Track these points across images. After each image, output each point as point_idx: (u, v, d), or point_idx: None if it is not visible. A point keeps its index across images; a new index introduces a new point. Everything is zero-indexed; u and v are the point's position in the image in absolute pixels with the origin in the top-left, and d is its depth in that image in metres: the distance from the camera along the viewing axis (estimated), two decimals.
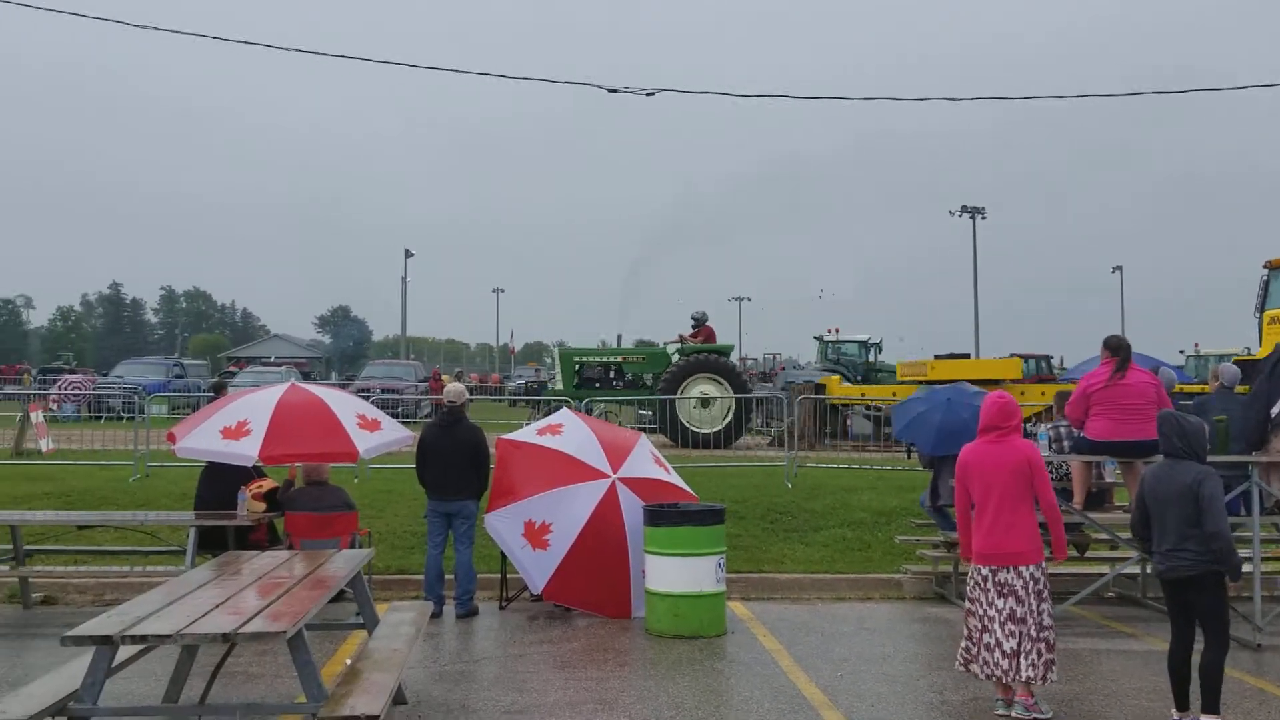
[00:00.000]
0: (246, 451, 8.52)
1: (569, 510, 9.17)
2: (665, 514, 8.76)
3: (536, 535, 9.12)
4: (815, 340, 31.09)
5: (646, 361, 22.17)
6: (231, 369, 45.58)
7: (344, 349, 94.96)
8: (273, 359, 59.84)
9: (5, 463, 14.94)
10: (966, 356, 26.93)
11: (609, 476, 9.36)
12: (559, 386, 22.05)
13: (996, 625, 6.27)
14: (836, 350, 30.25)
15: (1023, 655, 6.20)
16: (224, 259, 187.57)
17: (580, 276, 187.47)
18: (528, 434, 10.07)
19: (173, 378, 33.55)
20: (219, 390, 15.04)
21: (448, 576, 9.46)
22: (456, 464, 9.33)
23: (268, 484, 9.25)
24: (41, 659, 7.63)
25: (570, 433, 9.85)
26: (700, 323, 21.58)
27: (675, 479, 9.88)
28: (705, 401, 19.74)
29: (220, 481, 9.35)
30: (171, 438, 9.15)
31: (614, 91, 14.86)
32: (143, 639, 4.79)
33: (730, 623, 8.86)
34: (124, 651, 5.32)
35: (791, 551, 11.23)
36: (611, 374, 22.16)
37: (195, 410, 21.40)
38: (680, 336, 21.13)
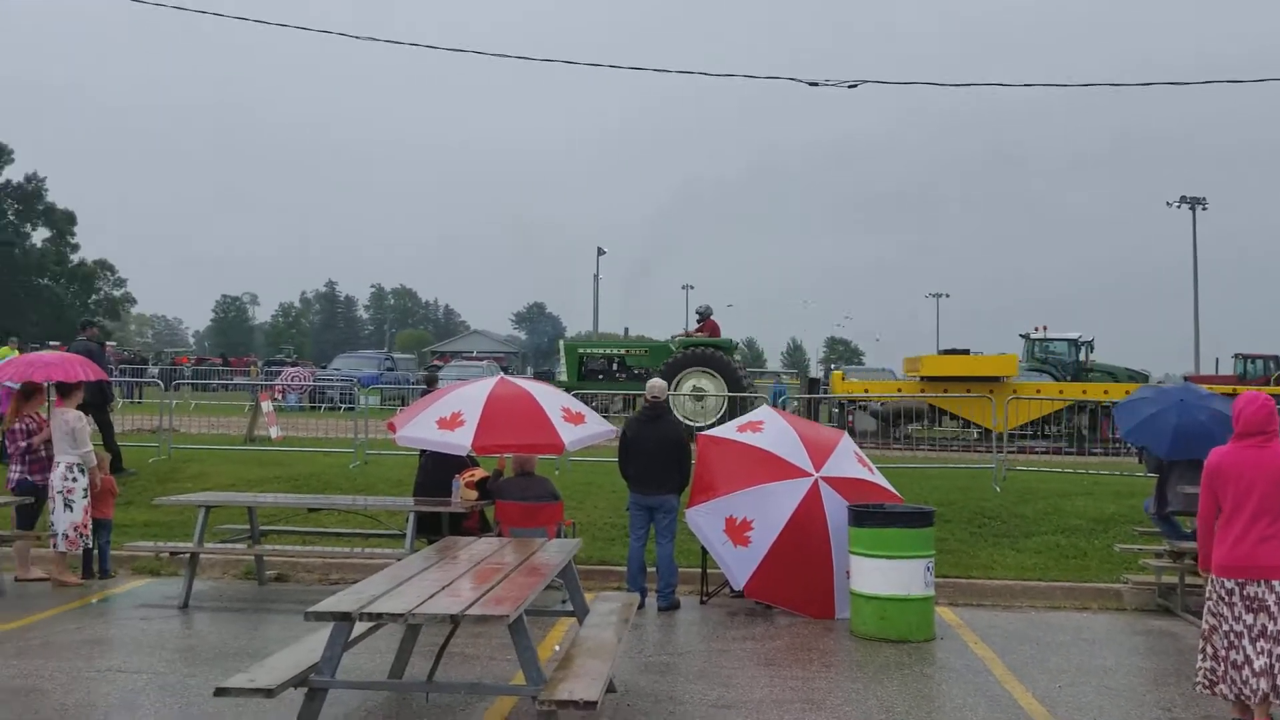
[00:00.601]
0: (460, 441, 8.87)
1: (771, 508, 9.12)
2: (871, 515, 8.59)
3: (738, 532, 9.12)
4: (1021, 339, 29.76)
5: (648, 355, 22.57)
6: (436, 363, 47.56)
7: (539, 344, 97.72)
8: (474, 353, 62.05)
9: (239, 448, 16.05)
10: (966, 352, 26.10)
11: (811, 475, 9.26)
12: (564, 378, 22.49)
13: (1246, 641, 5.83)
14: (1044, 349, 28.89)
15: (1277, 675, 5.75)
16: (428, 258, 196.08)
17: (771, 272, 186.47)
18: (728, 430, 10.07)
19: (384, 370, 35.35)
20: (431, 384, 15.73)
21: (649, 569, 9.57)
22: (659, 458, 9.43)
23: (479, 473, 9.59)
24: (277, 631, 8.16)
25: (771, 430, 9.80)
26: (704, 316, 21.67)
27: (879, 479, 9.69)
28: (699, 396, 19.98)
29: (436, 469, 9.76)
30: (392, 427, 9.62)
31: (815, 85, 14.67)
32: (377, 617, 5.05)
33: (938, 628, 8.62)
34: (357, 628, 5.61)
35: (1001, 557, 10.82)
36: (614, 367, 22.70)
37: (405, 401, 22.40)
38: (685, 331, 20.98)
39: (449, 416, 9.12)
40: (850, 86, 14.26)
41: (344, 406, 22.19)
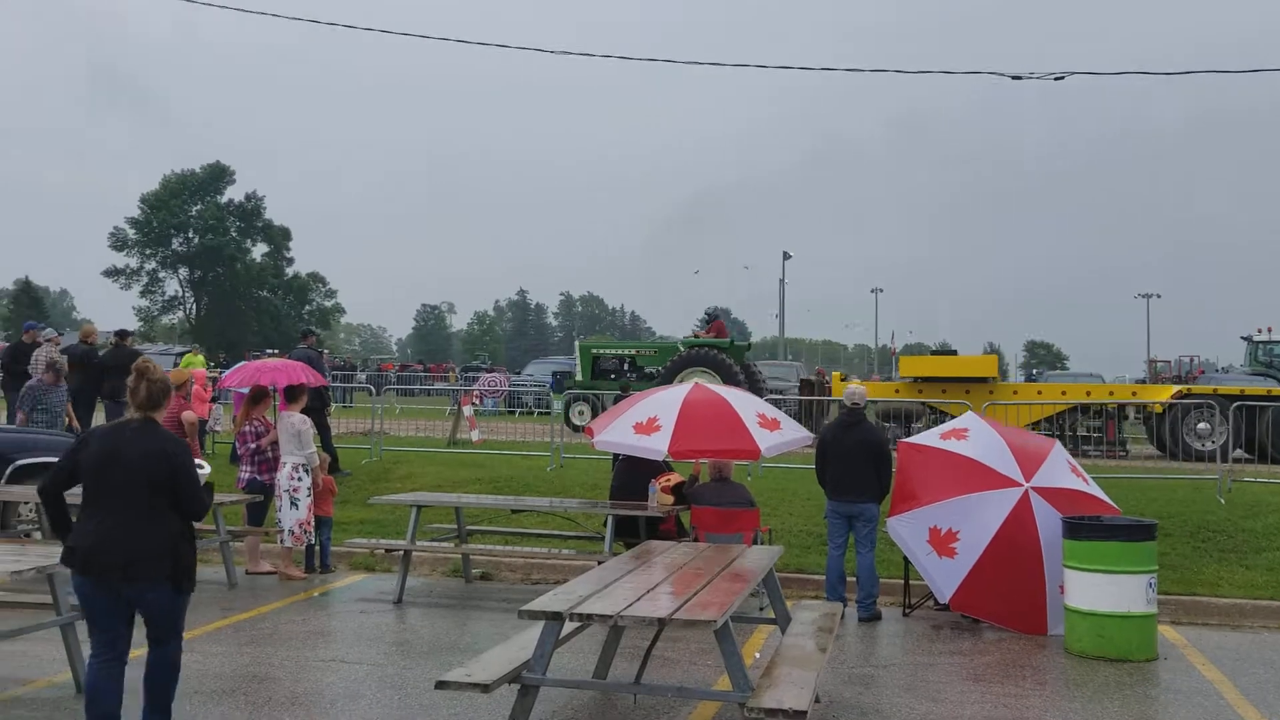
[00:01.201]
0: (657, 446, 8.96)
1: (978, 519, 8.81)
2: (1087, 527, 8.17)
3: (943, 543, 8.84)
4: (1243, 341, 27.76)
5: (657, 355, 23.26)
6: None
7: (954, 353, 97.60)
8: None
9: (443, 450, 16.71)
10: (954, 352, 25.61)
11: (1021, 485, 8.88)
12: (579, 377, 23.69)
13: None
14: (1268, 352, 26.87)
15: None
16: (612, 265, 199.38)
17: (964, 274, 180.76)
18: (930, 438, 9.80)
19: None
20: (625, 389, 15.95)
21: (849, 579, 9.40)
22: (857, 465, 9.25)
23: (675, 478, 9.65)
24: (485, 628, 8.45)
25: (977, 437, 9.47)
26: (712, 318, 22.26)
27: (1095, 489, 9.21)
28: None
29: (632, 474, 9.89)
30: (590, 432, 9.82)
31: (1018, 79, 14.12)
32: (587, 617, 5.14)
33: (1161, 648, 8.11)
34: (565, 628, 5.73)
35: (1229, 574, 10.11)
36: (625, 366, 23.42)
37: (596, 407, 23.14)
38: (694, 332, 20.67)
39: (645, 421, 9.23)
40: (1056, 79, 13.65)
41: (538, 411, 22.74)
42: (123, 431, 5.16)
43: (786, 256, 59.27)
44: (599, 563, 9.05)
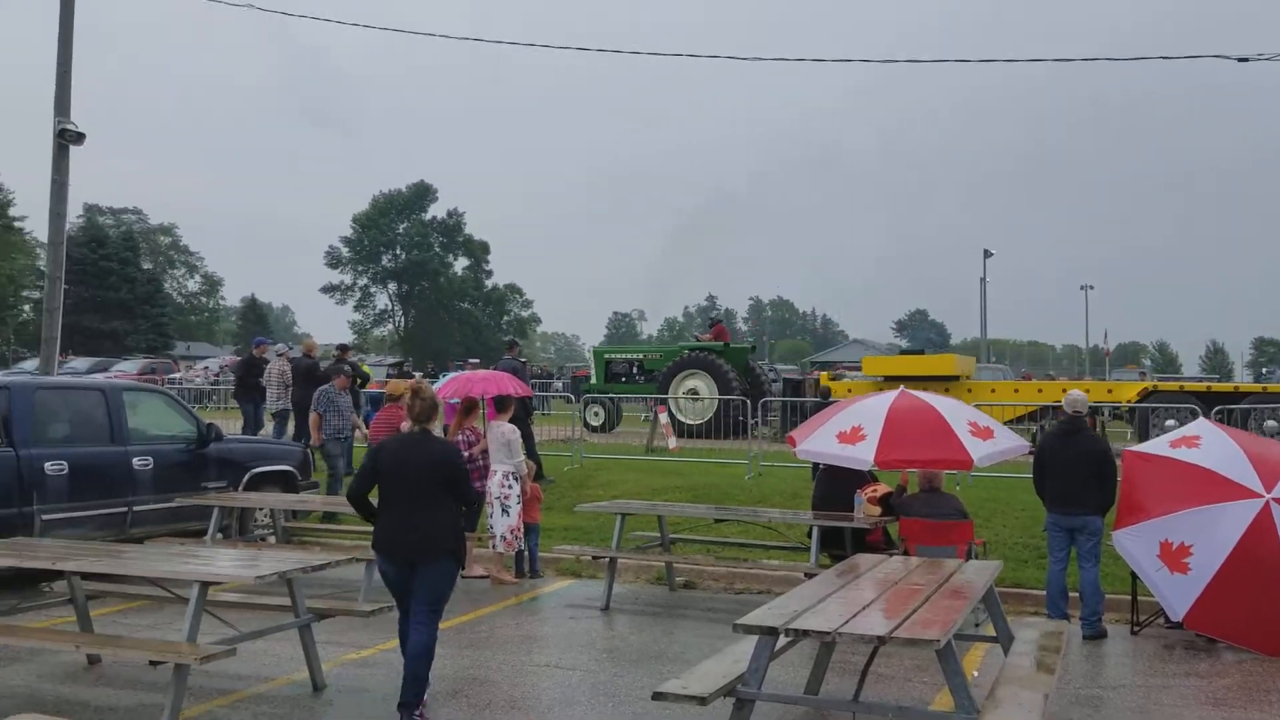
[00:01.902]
0: (862, 456, 8.77)
1: (1214, 531, 8.22)
2: None
3: (1174, 557, 8.29)
4: None
5: (662, 358, 24.19)
6: (815, 374, 47.53)
7: (921, 353, 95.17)
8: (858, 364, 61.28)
9: (640, 457, 16.92)
10: (920, 352, 27.02)
11: (1262, 496, 8.24)
12: (594, 381, 25.34)
13: None
14: None
15: None
16: (804, 268, 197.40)
17: (1178, 267, 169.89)
18: (1159, 446, 9.22)
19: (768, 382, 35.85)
20: (826, 396, 15.74)
21: (1071, 594, 8.95)
22: (1079, 475, 8.79)
23: (882, 489, 9.43)
24: (691, 638, 8.47)
25: (1210, 445, 8.85)
26: (713, 323, 23.37)
27: None
28: (695, 396, 21.54)
29: (835, 484, 9.72)
30: (792, 441, 9.71)
31: (1244, 61, 13.16)
32: (803, 633, 5.07)
33: None
34: (779, 642, 5.66)
35: None
36: (634, 369, 24.60)
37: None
38: (696, 336, 22.09)
39: (849, 430, 9.05)
40: None
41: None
42: (408, 441, 6.40)
43: (988, 254, 57.13)
44: (805, 575, 8.96)
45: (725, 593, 10.39)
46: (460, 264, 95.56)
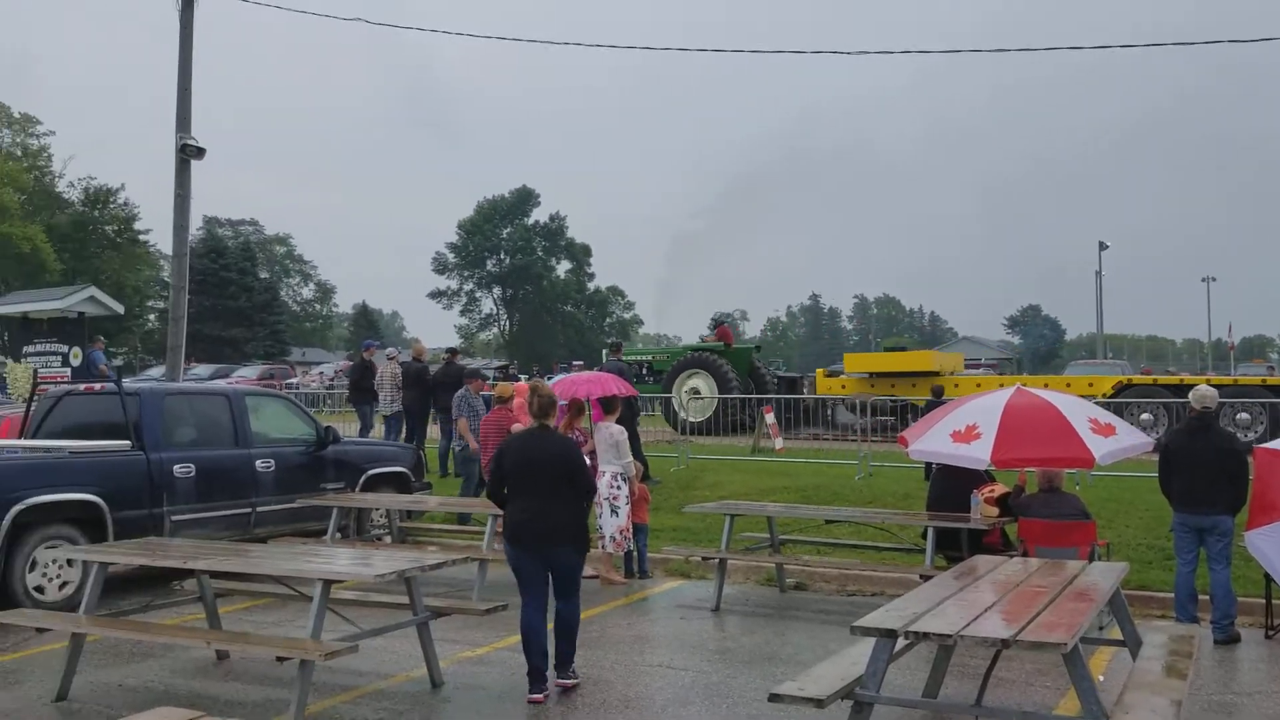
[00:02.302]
0: (977, 455, 8.56)
1: None
2: None
3: None
4: None
5: (669, 359, 25.06)
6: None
7: (1035, 349, 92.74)
8: (982, 361, 59.88)
9: (747, 458, 16.84)
10: (903, 349, 29.75)
11: None
12: None
13: None
14: None
15: None
16: (913, 265, 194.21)
17: None
18: None
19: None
20: (938, 394, 15.44)
21: (1200, 597, 8.60)
22: (1208, 474, 8.43)
23: (999, 489, 9.20)
24: (804, 639, 8.38)
25: None
26: (718, 324, 24.40)
27: None
28: (696, 395, 22.07)
29: (951, 483, 9.51)
30: (903, 441, 9.54)
31: None
32: (923, 636, 4.96)
33: None
34: (897, 645, 5.57)
35: None
36: (644, 370, 25.27)
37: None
38: (702, 337, 22.41)
39: (964, 429, 8.84)
40: None
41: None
42: (532, 437, 6.90)
43: (1103, 247, 55.38)
44: (921, 577, 8.79)
45: (837, 595, 10.26)
46: (563, 267, 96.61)
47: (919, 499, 12.61)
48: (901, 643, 5.42)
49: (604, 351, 20.69)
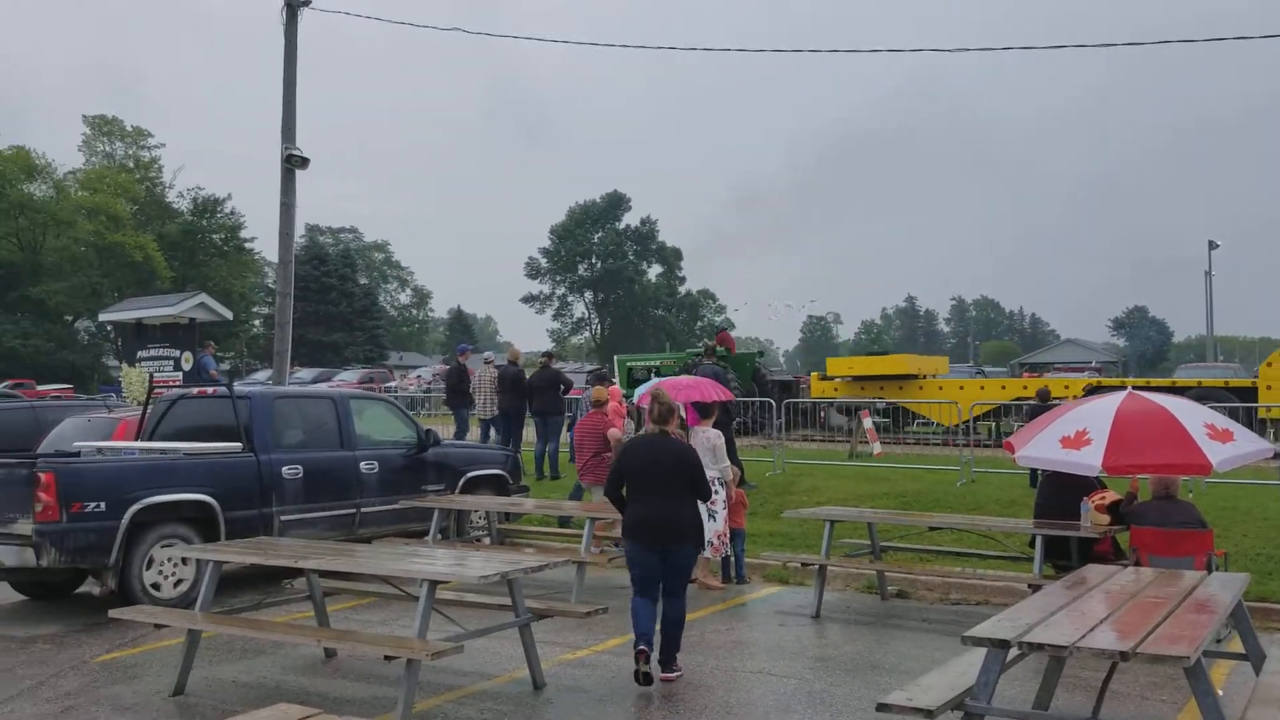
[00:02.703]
0: (1088, 461, 8.29)
1: None
2: None
3: None
4: None
5: (674, 365, 25.38)
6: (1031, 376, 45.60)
7: (1141, 351, 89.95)
8: (1093, 364, 58.25)
9: (844, 463, 16.64)
10: (884, 353, 29.29)
11: None
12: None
13: None
14: None
15: None
16: (1012, 265, 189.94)
17: None
18: None
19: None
20: (1044, 398, 15.08)
21: None
22: None
23: (1111, 496, 8.93)
24: (907, 648, 8.24)
25: None
26: (718, 330, 24.35)
27: None
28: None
29: (1058, 490, 9.27)
30: (1009, 446, 9.30)
31: None
32: (1037, 646, 4.82)
33: None
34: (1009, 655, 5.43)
35: None
36: (652, 375, 25.16)
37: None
38: (705, 344, 22.51)
39: (1073, 435, 8.58)
40: None
41: (934, 422, 22.10)
42: (652, 441, 7.34)
43: (1213, 246, 53.42)
44: (1029, 586, 8.59)
45: (940, 603, 10.07)
46: (654, 271, 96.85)
47: (1024, 506, 12.31)
48: (1013, 653, 5.30)
49: (699, 356, 20.60)
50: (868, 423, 17.51)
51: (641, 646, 6.96)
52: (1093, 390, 19.90)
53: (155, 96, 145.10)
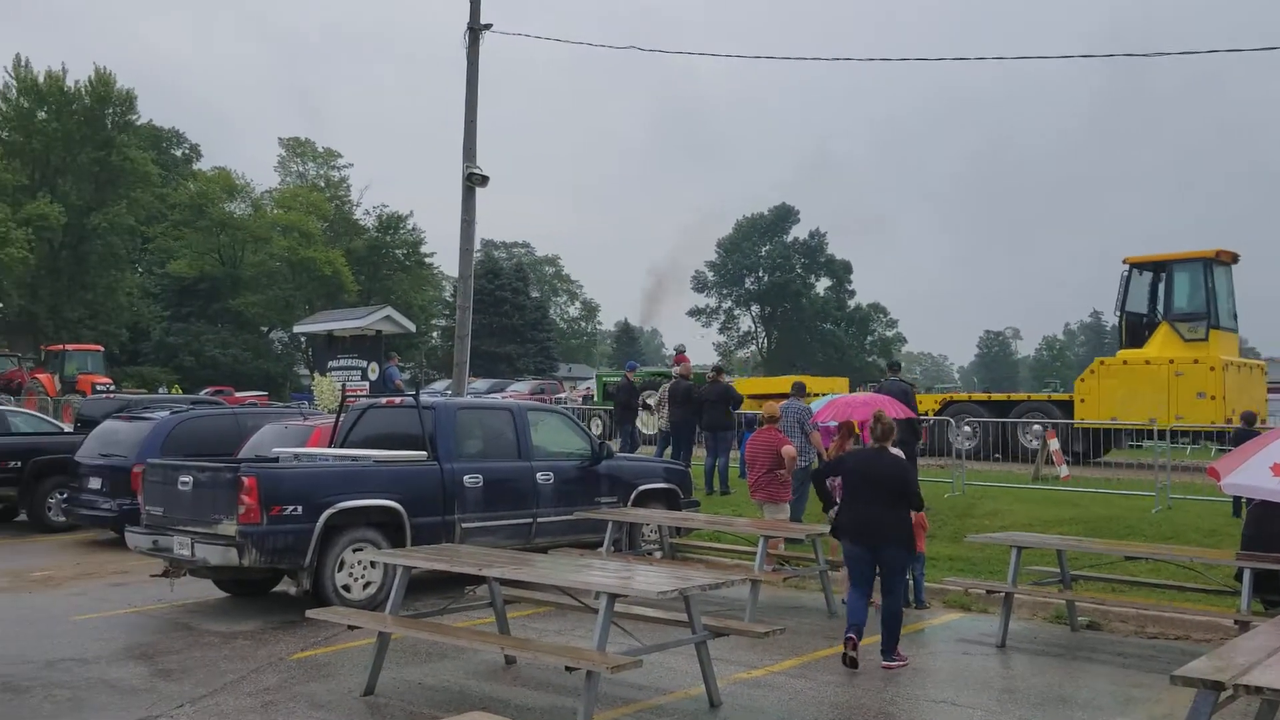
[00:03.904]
0: None
1: None
2: None
3: None
4: None
5: (638, 381, 25.17)
6: None
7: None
8: None
9: (1028, 486, 15.96)
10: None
11: None
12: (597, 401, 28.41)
13: None
14: None
15: None
16: None
17: None
18: None
19: None
20: (1250, 422, 14.14)
21: None
22: None
23: None
24: (1101, 683, 7.82)
25: None
26: (678, 353, 24.44)
27: None
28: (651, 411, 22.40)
29: (1271, 521, 8.63)
30: (1214, 473, 8.73)
31: None
32: (1255, 690, 4.49)
33: None
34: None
35: None
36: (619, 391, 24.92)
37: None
38: (668, 363, 22.42)
39: None
40: None
41: (1130, 444, 20.88)
42: (869, 455, 8.47)
43: None
44: (1235, 622, 8.05)
45: (1135, 636, 9.52)
46: (822, 284, 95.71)
47: (1225, 535, 11.57)
48: (1225, 695, 4.95)
49: (884, 372, 20.28)
50: (1054, 444, 16.75)
51: (849, 635, 7.89)
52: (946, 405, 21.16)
53: (342, 118, 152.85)
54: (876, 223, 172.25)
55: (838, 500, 8.93)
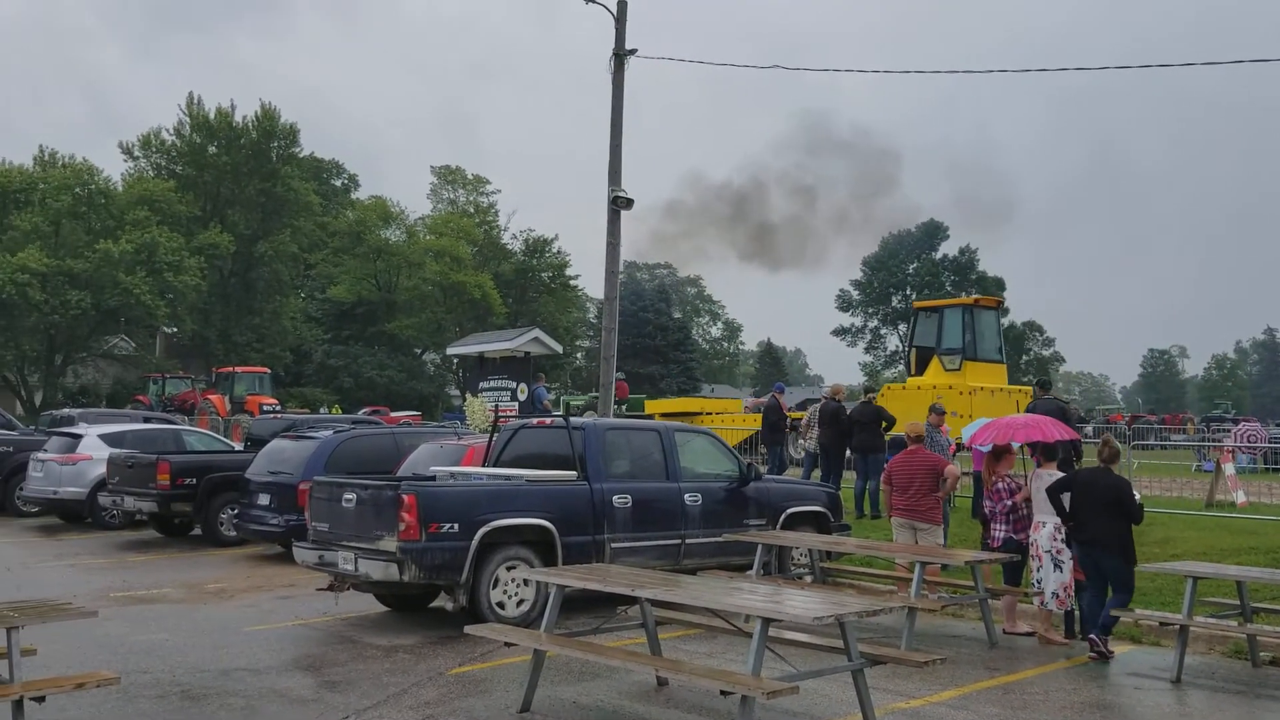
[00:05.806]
0: None
1: None
2: None
3: None
4: None
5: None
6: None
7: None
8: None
9: (1199, 513, 15.13)
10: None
11: None
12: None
13: None
14: None
15: None
16: None
17: None
18: None
19: None
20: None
21: None
22: None
23: None
24: None
25: None
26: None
27: None
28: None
29: None
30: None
31: None
32: None
33: None
34: None
35: None
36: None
37: None
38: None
39: None
40: None
41: None
42: (1095, 473, 9.52)
43: None
44: None
45: None
46: None
47: None
48: None
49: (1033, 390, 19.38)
50: (1229, 468, 15.86)
51: (1091, 635, 9.14)
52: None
53: (490, 145, 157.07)
54: (1030, 229, 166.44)
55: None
